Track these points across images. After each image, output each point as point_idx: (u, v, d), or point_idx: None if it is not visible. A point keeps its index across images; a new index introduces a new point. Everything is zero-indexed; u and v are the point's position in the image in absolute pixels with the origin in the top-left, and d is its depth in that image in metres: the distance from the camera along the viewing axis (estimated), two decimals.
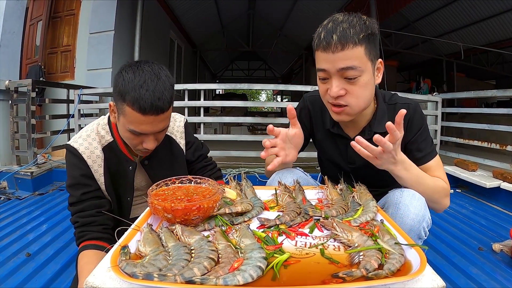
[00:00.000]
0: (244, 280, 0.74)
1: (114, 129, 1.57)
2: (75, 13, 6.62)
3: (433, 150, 1.53)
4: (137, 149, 1.47)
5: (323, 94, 1.42)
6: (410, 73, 16.74)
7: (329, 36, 1.27)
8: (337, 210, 1.18)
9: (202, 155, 1.91)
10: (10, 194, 3.83)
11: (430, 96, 5.33)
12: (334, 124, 1.62)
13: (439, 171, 1.51)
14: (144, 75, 1.32)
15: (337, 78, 1.31)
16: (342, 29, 1.26)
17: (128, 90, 1.29)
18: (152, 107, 1.29)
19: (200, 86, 4.92)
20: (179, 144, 1.78)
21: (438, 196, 1.43)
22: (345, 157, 1.65)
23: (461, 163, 4.39)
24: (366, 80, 1.33)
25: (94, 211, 1.49)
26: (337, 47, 1.25)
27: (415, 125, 1.52)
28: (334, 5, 9.99)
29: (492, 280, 2.01)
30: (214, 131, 8.87)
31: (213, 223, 1.09)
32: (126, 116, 1.34)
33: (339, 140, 1.65)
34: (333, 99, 1.35)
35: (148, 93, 1.28)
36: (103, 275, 0.80)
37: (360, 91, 1.34)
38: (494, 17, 9.63)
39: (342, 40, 1.25)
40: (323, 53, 1.30)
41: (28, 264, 2.15)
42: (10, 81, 4.56)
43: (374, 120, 1.53)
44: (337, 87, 1.31)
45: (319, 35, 1.32)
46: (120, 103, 1.34)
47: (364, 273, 0.76)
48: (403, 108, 1.49)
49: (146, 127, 1.35)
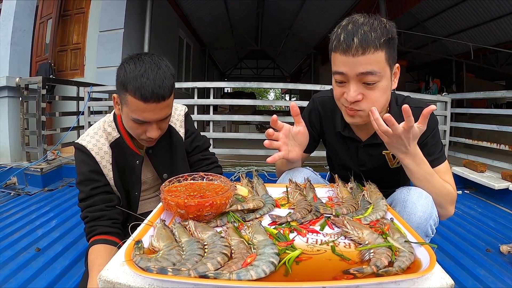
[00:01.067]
0: (257, 275, 0.75)
1: (120, 126, 1.60)
2: (84, 11, 6.66)
3: (442, 155, 1.51)
4: (141, 139, 1.49)
5: (338, 97, 1.39)
6: (419, 73, 16.63)
7: (349, 38, 1.22)
8: (348, 208, 1.19)
9: (198, 147, 1.88)
10: (20, 190, 3.87)
11: (439, 96, 5.31)
12: (345, 127, 1.60)
13: (447, 177, 1.48)
14: (145, 65, 1.36)
15: (355, 83, 1.28)
16: (364, 32, 1.22)
17: (130, 79, 1.33)
18: (153, 95, 1.33)
19: (210, 84, 4.93)
20: (178, 133, 1.79)
21: (443, 200, 1.40)
22: (356, 160, 1.64)
23: (469, 164, 4.37)
24: (384, 86, 1.31)
25: (103, 205, 1.51)
26: (358, 51, 1.21)
27: (427, 129, 1.50)
28: (343, 4, 9.98)
29: (499, 281, 2.00)
30: (222, 129, 8.88)
31: (225, 220, 1.10)
32: (129, 105, 1.37)
33: (350, 143, 1.63)
34: (348, 103, 1.33)
35: (149, 81, 1.32)
36: (117, 269, 0.82)
37: (377, 97, 1.31)
38: (504, 17, 9.53)
39: (363, 44, 1.21)
40: (343, 56, 1.25)
41: (38, 259, 2.17)
42: (21, 78, 4.60)
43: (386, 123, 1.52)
44: (355, 92, 1.29)
45: (338, 37, 1.27)
46: (122, 93, 1.38)
47: (375, 270, 0.77)
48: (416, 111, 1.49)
49: (148, 115, 1.37)
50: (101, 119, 1.67)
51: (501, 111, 5.51)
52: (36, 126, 4.40)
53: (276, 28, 15.22)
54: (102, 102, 5.53)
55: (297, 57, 19.39)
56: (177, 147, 1.78)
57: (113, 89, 5.10)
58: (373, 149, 1.56)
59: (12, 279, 1.94)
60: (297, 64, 21.42)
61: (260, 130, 9.95)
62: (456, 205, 3.41)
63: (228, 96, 14.34)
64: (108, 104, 5.50)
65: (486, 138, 5.23)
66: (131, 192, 1.67)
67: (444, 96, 5.23)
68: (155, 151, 1.70)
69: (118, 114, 1.59)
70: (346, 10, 10.03)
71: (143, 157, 1.66)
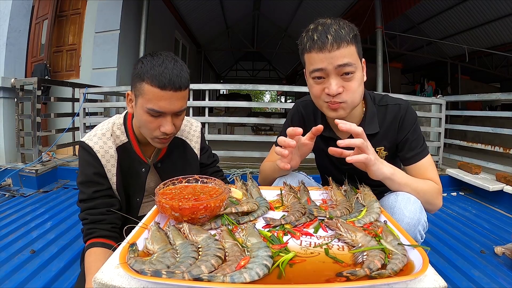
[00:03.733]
0: (250, 278, 0.75)
1: (130, 130, 1.59)
2: (80, 12, 6.64)
3: (424, 149, 1.54)
4: (155, 137, 1.46)
5: (318, 95, 1.43)
6: (414, 75, 16.69)
7: (323, 36, 1.30)
8: (341, 211, 1.19)
9: (215, 161, 1.95)
10: (15, 191, 3.85)
11: (434, 99, 5.32)
12: (326, 128, 1.62)
13: (431, 170, 1.52)
14: (163, 58, 1.39)
15: (334, 77, 1.35)
16: (335, 30, 1.31)
17: (148, 69, 1.35)
18: (170, 82, 1.34)
19: (205, 86, 4.92)
20: (193, 149, 1.79)
21: (430, 196, 1.43)
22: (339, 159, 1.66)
23: (464, 166, 4.39)
24: (359, 76, 1.39)
25: (104, 209, 1.50)
26: (333, 46, 1.30)
27: (407, 124, 1.54)
28: (339, 6, 10.00)
29: (494, 283, 2.02)
30: (218, 131, 8.87)
31: (219, 222, 1.11)
32: (145, 95, 1.37)
33: (331, 142, 1.63)
34: (330, 98, 1.37)
35: (167, 70, 1.35)
36: (111, 272, 0.82)
37: (355, 87, 1.38)
38: (499, 19, 9.59)
39: (337, 40, 1.29)
40: (319, 53, 1.32)
41: (33, 261, 2.17)
42: (16, 79, 4.58)
43: (364, 122, 1.55)
44: (336, 85, 1.34)
45: (311, 38, 1.34)
46: (138, 84, 1.38)
47: (368, 273, 0.78)
48: (394, 108, 1.55)
49: (165, 104, 1.37)
50: (110, 119, 1.65)
51: (495, 113, 5.52)
52: (31, 127, 4.38)
53: (272, 30, 15.24)
54: (97, 104, 5.51)
55: (293, 59, 19.36)
56: (191, 163, 1.79)
57: (109, 90, 5.12)
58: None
59: (7, 281, 1.93)
60: (293, 66, 21.41)
61: (256, 132, 9.94)
62: (451, 207, 3.45)
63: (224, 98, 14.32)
64: (104, 105, 5.50)
65: (481, 140, 5.28)
66: (132, 198, 1.65)
67: (439, 98, 5.24)
68: (164, 165, 1.69)
69: (130, 113, 1.59)
70: (342, 12, 10.06)
71: (149, 166, 1.65)
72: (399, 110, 1.55)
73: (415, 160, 1.51)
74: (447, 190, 4.26)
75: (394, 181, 1.34)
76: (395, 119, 1.55)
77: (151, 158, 1.66)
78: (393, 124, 1.55)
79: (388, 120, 1.56)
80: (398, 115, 1.54)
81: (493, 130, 4.45)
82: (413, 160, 1.51)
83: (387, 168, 1.31)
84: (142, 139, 1.59)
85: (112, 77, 6.30)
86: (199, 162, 1.83)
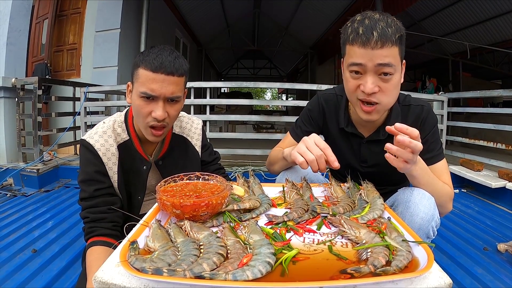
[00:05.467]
0: (253, 276, 0.74)
1: (131, 127, 1.59)
2: (81, 12, 6.64)
3: (441, 152, 1.55)
4: (147, 124, 1.45)
5: (353, 90, 1.40)
6: (415, 72, 16.63)
7: (369, 32, 1.27)
8: (344, 207, 1.18)
9: (217, 158, 1.94)
10: (16, 191, 3.86)
11: (435, 96, 5.32)
12: (348, 123, 1.63)
13: (445, 174, 1.52)
14: (160, 47, 1.43)
15: (372, 75, 1.32)
16: (382, 28, 1.27)
17: (144, 56, 1.40)
18: (162, 65, 1.36)
19: (206, 84, 4.91)
20: (194, 147, 1.79)
21: (444, 199, 1.43)
22: (358, 156, 1.66)
23: (466, 163, 4.38)
24: (397, 79, 1.36)
25: (105, 207, 1.49)
26: (377, 44, 1.26)
27: (428, 126, 1.53)
28: (340, 4, 9.99)
29: (496, 280, 2.01)
30: (219, 129, 8.88)
31: (221, 220, 1.10)
32: (139, 79, 1.39)
33: (352, 139, 1.65)
34: (365, 95, 1.35)
35: (161, 55, 1.38)
36: (112, 270, 0.81)
37: (391, 89, 1.35)
38: (500, 16, 9.56)
39: (382, 38, 1.26)
40: (361, 48, 1.29)
41: (34, 260, 2.17)
42: (17, 78, 4.59)
43: (389, 121, 1.53)
44: (372, 83, 1.31)
45: (356, 30, 1.30)
46: (135, 71, 1.42)
47: (372, 270, 0.77)
48: (417, 109, 1.54)
49: (156, 86, 1.37)
50: (111, 117, 1.64)
51: (497, 110, 5.51)
52: (32, 126, 4.38)
53: (273, 28, 15.24)
54: (98, 103, 5.51)
55: (294, 57, 19.42)
56: (192, 160, 1.78)
57: (110, 89, 5.11)
58: (376, 146, 1.58)
59: (8, 280, 1.94)
60: (293, 64, 21.45)
61: (257, 130, 9.95)
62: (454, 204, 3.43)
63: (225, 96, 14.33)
64: (104, 104, 5.49)
65: (483, 137, 5.25)
66: (134, 196, 1.65)
67: (441, 95, 5.24)
68: (165, 162, 1.69)
69: (130, 110, 1.59)
70: (342, 10, 10.06)
71: (151, 164, 1.65)
72: (422, 112, 1.55)
73: (431, 162, 1.50)
74: None
75: (416, 179, 1.34)
76: (417, 120, 1.55)
77: (152, 155, 1.65)
78: (414, 125, 1.52)
79: (410, 120, 1.55)
80: (420, 116, 1.54)
81: (495, 127, 4.45)
82: (429, 162, 1.49)
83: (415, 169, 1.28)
84: (143, 137, 1.58)
85: (112, 76, 6.30)
86: (200, 159, 1.83)
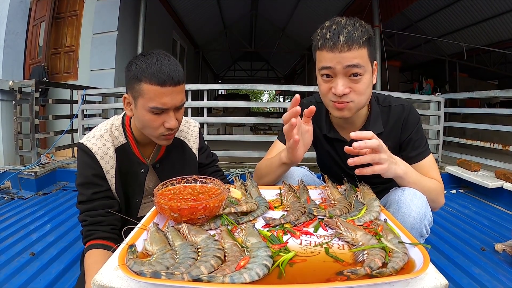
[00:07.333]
0: (250, 278, 0.75)
1: (128, 131, 1.59)
2: (78, 14, 6.64)
3: (426, 149, 1.57)
4: (160, 135, 1.47)
5: (325, 93, 1.44)
6: (412, 73, 16.68)
7: (335, 37, 1.31)
8: (341, 210, 1.19)
9: (214, 161, 1.94)
10: (14, 194, 3.84)
11: (432, 97, 5.32)
12: (330, 129, 1.66)
13: (433, 169, 1.54)
14: (155, 56, 1.40)
15: (342, 77, 1.35)
16: (348, 31, 1.31)
17: (144, 69, 1.36)
18: (169, 78, 1.36)
19: (203, 86, 4.91)
20: (191, 149, 1.79)
21: (434, 194, 1.45)
22: (344, 160, 1.66)
23: (463, 163, 4.39)
24: (368, 79, 1.40)
25: (103, 211, 1.50)
26: (344, 47, 1.30)
27: (410, 125, 1.57)
28: (337, 5, 9.99)
29: (494, 280, 2.02)
30: (216, 131, 8.86)
31: (218, 223, 1.10)
32: (145, 94, 1.37)
33: (336, 143, 1.68)
34: (337, 97, 1.38)
35: (163, 67, 1.37)
36: (110, 273, 0.81)
37: (362, 89, 1.38)
38: (496, 17, 9.60)
39: (349, 41, 1.30)
40: (329, 52, 1.33)
41: (32, 264, 2.16)
42: (14, 81, 4.57)
43: (369, 122, 1.57)
44: (343, 85, 1.35)
45: (324, 36, 1.35)
46: (136, 86, 1.38)
47: (368, 271, 0.77)
48: (398, 109, 1.57)
49: (167, 100, 1.38)
50: (108, 120, 1.64)
51: (494, 111, 5.55)
52: (30, 129, 4.37)
53: (270, 30, 15.24)
54: (95, 105, 5.49)
55: (291, 58, 19.42)
56: (190, 163, 1.78)
57: (107, 92, 5.11)
58: None
59: (7, 284, 1.93)
60: (291, 66, 21.44)
61: (255, 132, 9.94)
62: (451, 204, 3.45)
63: (222, 98, 14.31)
64: (102, 107, 5.49)
65: (480, 138, 5.27)
66: (131, 199, 1.65)
67: (438, 96, 5.24)
68: (163, 165, 1.69)
69: (129, 116, 1.59)
70: (339, 11, 10.05)
71: (148, 167, 1.65)
72: (403, 111, 1.58)
73: (418, 159, 1.53)
74: (446, 188, 4.24)
75: (404, 179, 1.35)
76: (399, 120, 1.57)
77: (150, 158, 1.66)
78: (396, 124, 1.58)
79: (392, 120, 1.58)
80: (402, 115, 1.57)
81: (492, 127, 4.46)
82: (416, 159, 1.53)
83: (400, 167, 1.31)
84: (140, 140, 1.59)
85: (110, 79, 6.30)
86: (198, 162, 1.83)
